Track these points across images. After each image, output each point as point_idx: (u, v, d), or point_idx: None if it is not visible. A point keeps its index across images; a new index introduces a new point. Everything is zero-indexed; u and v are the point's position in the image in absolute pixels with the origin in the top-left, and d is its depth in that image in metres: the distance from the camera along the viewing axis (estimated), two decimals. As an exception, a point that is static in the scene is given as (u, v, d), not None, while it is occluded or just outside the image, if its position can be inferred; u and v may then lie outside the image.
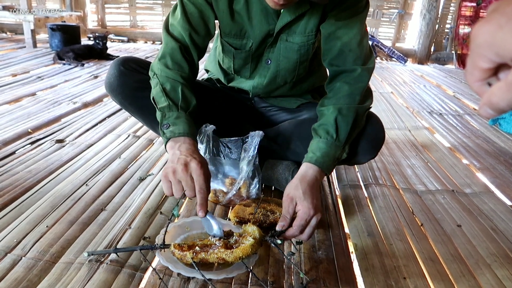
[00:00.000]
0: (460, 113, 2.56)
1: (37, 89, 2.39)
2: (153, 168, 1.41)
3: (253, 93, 1.29)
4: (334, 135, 1.03)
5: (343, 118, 1.04)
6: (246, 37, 1.14)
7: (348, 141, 1.06)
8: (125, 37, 5.11)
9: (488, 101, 0.32)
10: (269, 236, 0.89)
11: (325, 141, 1.03)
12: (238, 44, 1.16)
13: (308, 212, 0.92)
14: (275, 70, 1.21)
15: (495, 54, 0.32)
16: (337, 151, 1.04)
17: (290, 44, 1.15)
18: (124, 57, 1.21)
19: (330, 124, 1.04)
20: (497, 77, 0.34)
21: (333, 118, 1.04)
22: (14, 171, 1.30)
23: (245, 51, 1.17)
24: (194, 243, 0.88)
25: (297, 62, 1.18)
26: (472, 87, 0.35)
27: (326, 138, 1.03)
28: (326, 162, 1.02)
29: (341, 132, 1.04)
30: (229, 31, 1.14)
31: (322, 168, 1.01)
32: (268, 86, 1.25)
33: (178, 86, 1.05)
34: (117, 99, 1.21)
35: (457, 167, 1.64)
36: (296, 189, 0.96)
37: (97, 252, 0.91)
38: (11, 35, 4.75)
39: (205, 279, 0.81)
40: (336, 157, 1.04)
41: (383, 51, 4.82)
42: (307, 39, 1.13)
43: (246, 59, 1.19)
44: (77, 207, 1.12)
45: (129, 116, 1.97)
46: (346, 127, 1.04)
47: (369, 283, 0.91)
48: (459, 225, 1.18)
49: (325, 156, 1.02)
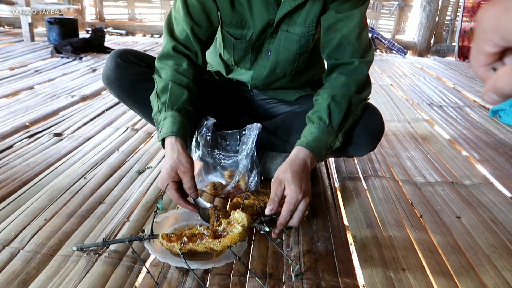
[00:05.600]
0: (460, 105, 2.56)
1: (35, 83, 2.38)
2: (151, 161, 1.41)
3: (252, 84, 1.28)
4: (327, 121, 1.02)
5: (336, 105, 1.04)
6: (247, 27, 1.14)
7: (341, 129, 1.05)
8: (124, 30, 5.08)
9: (493, 86, 0.32)
10: (257, 223, 0.89)
11: (317, 127, 1.02)
12: (239, 34, 1.15)
13: (296, 196, 0.90)
14: (275, 61, 1.20)
15: (500, 38, 0.31)
16: (330, 138, 1.03)
17: (290, 35, 1.14)
18: (121, 50, 1.20)
19: (323, 110, 1.03)
20: (502, 62, 0.33)
21: (326, 105, 1.03)
22: (12, 165, 1.30)
23: (245, 41, 1.16)
24: (182, 232, 0.88)
25: (297, 53, 1.18)
26: (477, 72, 0.35)
27: (319, 123, 1.02)
28: (317, 147, 1.00)
29: (334, 119, 1.03)
30: (229, 21, 1.13)
31: (313, 152, 0.99)
32: (268, 77, 1.24)
33: (168, 84, 1.05)
34: (115, 91, 1.20)
35: (457, 159, 1.63)
36: (285, 172, 0.94)
37: (85, 246, 0.91)
38: (9, 28, 4.72)
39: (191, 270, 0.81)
40: (329, 144, 1.03)
41: (383, 44, 4.79)
42: (308, 30, 1.13)
43: (247, 50, 1.18)
44: (75, 200, 1.11)
45: (127, 109, 1.96)
46: (339, 114, 1.03)
47: (368, 274, 0.91)
48: (458, 217, 1.18)
49: (316, 141, 1.00)
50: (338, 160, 1.53)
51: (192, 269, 0.81)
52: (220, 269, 0.87)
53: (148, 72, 1.18)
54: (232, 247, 0.84)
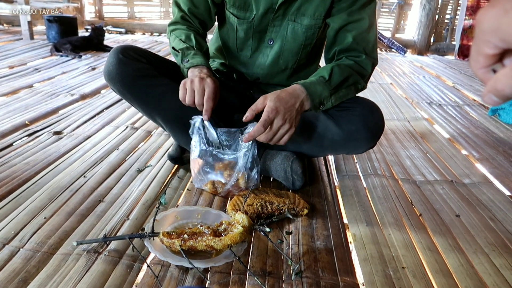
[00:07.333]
0: (460, 103, 2.56)
1: (34, 81, 2.38)
2: (151, 160, 1.41)
3: (253, 74, 1.29)
4: (326, 77, 1.08)
5: (339, 69, 1.10)
6: (250, 10, 1.18)
7: (336, 90, 1.10)
8: (123, 29, 5.07)
9: (493, 87, 0.32)
10: (258, 225, 0.89)
11: (317, 79, 1.09)
12: (242, 15, 1.19)
13: (270, 111, 0.98)
14: (279, 50, 1.23)
15: (500, 39, 0.31)
16: (325, 91, 1.08)
17: (298, 25, 1.18)
18: (123, 46, 1.20)
19: (326, 70, 1.10)
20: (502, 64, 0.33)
21: (330, 67, 1.11)
22: (11, 163, 1.30)
23: (247, 22, 1.19)
24: (183, 231, 0.88)
25: (302, 45, 1.22)
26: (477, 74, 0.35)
27: (318, 77, 1.09)
28: (312, 90, 1.06)
29: (334, 77, 1.09)
30: (233, 2, 1.18)
31: (307, 90, 1.05)
32: (270, 67, 1.27)
33: (190, 34, 1.18)
34: (116, 87, 1.20)
35: (456, 157, 1.64)
36: (273, 94, 1.02)
37: (86, 241, 0.91)
38: (8, 27, 4.71)
39: (194, 266, 0.81)
40: (323, 96, 1.08)
41: (383, 42, 4.79)
42: (315, 22, 1.17)
43: (248, 33, 1.22)
44: (75, 199, 1.11)
45: (127, 107, 1.96)
46: (339, 77, 1.10)
47: (367, 272, 0.91)
48: (457, 215, 1.18)
49: (312, 86, 1.06)
50: (338, 158, 1.53)
51: (193, 265, 0.81)
52: (219, 267, 0.87)
53: (149, 68, 1.18)
54: (232, 247, 0.84)
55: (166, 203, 1.09)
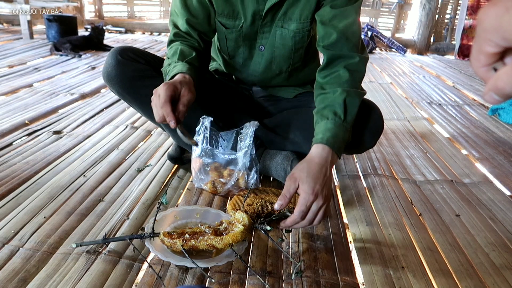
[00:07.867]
0: (460, 103, 2.56)
1: (34, 80, 2.37)
2: (151, 159, 1.41)
3: (249, 81, 1.28)
4: (342, 116, 1.00)
5: (352, 100, 1.02)
6: (239, 18, 1.15)
7: (352, 125, 1.03)
8: (123, 28, 5.07)
9: (494, 86, 0.32)
10: (259, 223, 0.89)
11: (333, 122, 0.99)
12: (230, 25, 1.17)
13: (308, 197, 0.87)
14: (271, 57, 1.21)
15: (501, 38, 0.31)
16: (346, 133, 1.00)
17: (285, 31, 1.15)
18: (121, 47, 1.20)
19: (338, 105, 1.01)
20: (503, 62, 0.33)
21: (342, 99, 1.01)
22: (11, 163, 1.30)
23: (236, 30, 1.17)
24: (183, 231, 0.88)
25: (292, 49, 1.19)
26: (478, 72, 0.35)
27: (334, 119, 0.99)
28: (337, 144, 0.97)
29: (349, 114, 1.01)
30: (222, 11, 1.15)
31: (333, 149, 0.95)
32: (264, 73, 1.25)
33: (178, 48, 1.11)
34: (115, 88, 1.20)
35: (456, 157, 1.64)
36: (301, 171, 0.91)
37: (85, 243, 0.90)
38: (8, 26, 4.71)
39: (197, 266, 0.81)
40: (345, 139, 1.00)
41: (383, 42, 4.79)
42: (303, 26, 1.14)
43: (237, 41, 1.19)
44: (74, 198, 1.11)
45: (127, 107, 1.96)
46: (354, 110, 1.02)
47: (367, 272, 0.91)
48: (457, 215, 1.18)
49: (335, 137, 0.97)
50: (338, 158, 1.53)
51: (197, 265, 0.81)
52: (220, 267, 0.87)
53: (148, 69, 1.18)
54: (233, 246, 0.84)
55: (167, 203, 1.09)
